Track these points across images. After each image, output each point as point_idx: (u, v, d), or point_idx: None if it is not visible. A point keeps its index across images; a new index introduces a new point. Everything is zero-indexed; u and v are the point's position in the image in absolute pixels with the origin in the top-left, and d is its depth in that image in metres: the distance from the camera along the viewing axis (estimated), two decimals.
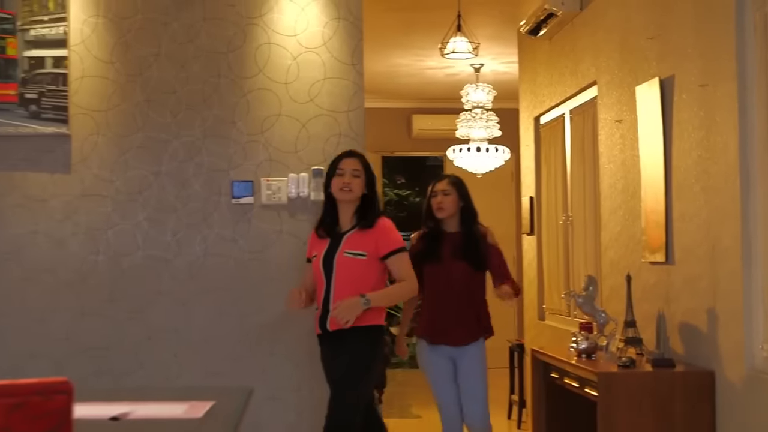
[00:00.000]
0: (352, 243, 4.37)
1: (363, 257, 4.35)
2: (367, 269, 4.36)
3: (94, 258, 5.03)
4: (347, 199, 4.41)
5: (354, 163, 4.45)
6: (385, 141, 10.66)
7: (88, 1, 5.04)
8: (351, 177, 4.41)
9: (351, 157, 4.50)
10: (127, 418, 2.92)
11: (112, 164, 5.06)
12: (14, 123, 4.95)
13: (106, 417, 2.88)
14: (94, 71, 5.05)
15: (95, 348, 4.97)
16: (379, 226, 4.40)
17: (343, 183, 4.40)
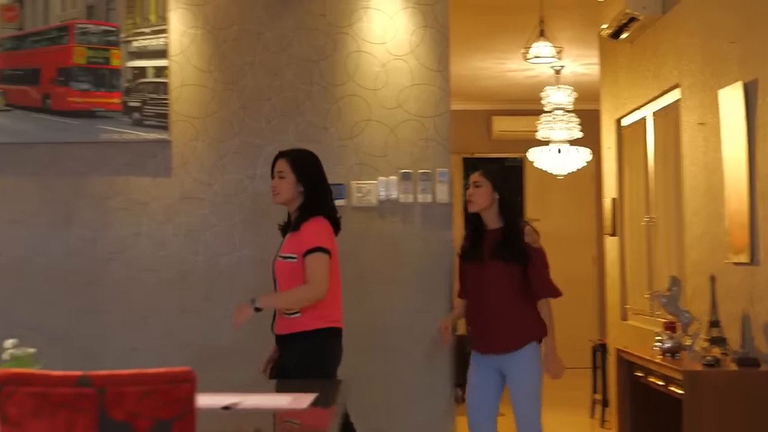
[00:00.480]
0: (286, 246, 4.29)
1: (293, 260, 4.23)
2: (299, 272, 4.19)
3: (194, 258, 5.27)
4: (276, 201, 4.35)
5: (279, 165, 4.34)
6: (466, 142, 10.80)
7: (187, 14, 5.28)
8: (277, 180, 4.33)
9: (278, 158, 4.38)
10: (237, 408, 3.13)
11: (210, 168, 5.29)
12: (118, 130, 5.22)
13: (218, 406, 3.09)
14: (193, 80, 5.29)
15: (194, 344, 5.21)
16: (303, 227, 4.22)
17: (271, 186, 4.36)
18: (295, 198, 4.30)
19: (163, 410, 2.52)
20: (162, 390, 2.52)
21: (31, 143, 5.25)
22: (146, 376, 2.55)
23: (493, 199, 4.63)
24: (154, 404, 2.51)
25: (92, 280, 5.25)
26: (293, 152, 4.40)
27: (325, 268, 4.15)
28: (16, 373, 2.54)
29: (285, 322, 4.23)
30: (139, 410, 2.50)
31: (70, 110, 5.22)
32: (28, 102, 5.23)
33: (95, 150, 5.25)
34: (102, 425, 2.49)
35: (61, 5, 5.22)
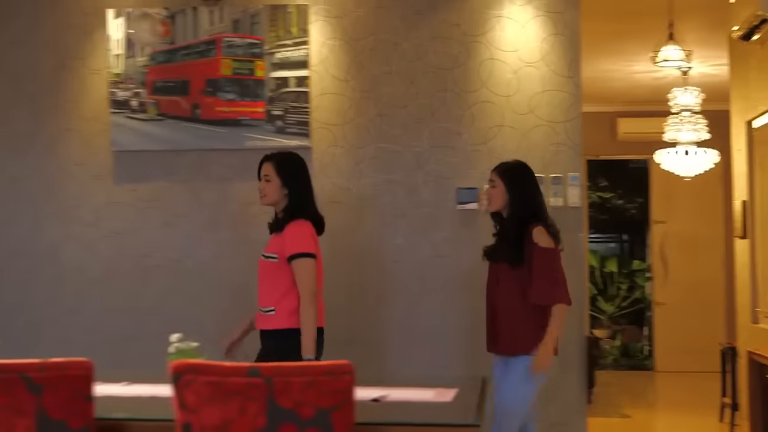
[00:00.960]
0: (269, 246, 4.41)
1: (275, 260, 4.34)
2: (278, 272, 4.32)
3: (334, 260, 5.51)
4: (263, 203, 4.48)
5: (265, 168, 4.44)
6: (590, 144, 10.78)
7: (327, 26, 5.53)
8: (263, 182, 4.43)
9: (264, 161, 4.48)
10: (385, 400, 3.33)
11: (349, 173, 5.53)
12: (262, 137, 5.50)
13: (368, 398, 3.30)
14: (332, 89, 5.53)
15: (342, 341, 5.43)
16: (287, 229, 4.33)
17: (258, 189, 4.46)
18: (281, 200, 4.41)
19: (324, 399, 2.74)
20: (324, 381, 2.74)
21: (181, 150, 5.58)
22: (309, 368, 2.78)
23: (506, 199, 4.54)
24: (317, 394, 2.73)
25: (242, 280, 5.53)
26: (279, 156, 4.50)
27: (312, 272, 4.27)
28: (194, 363, 2.80)
29: (261, 318, 4.39)
30: (303, 399, 2.73)
31: (218, 119, 5.52)
32: (179, 112, 5.55)
33: (240, 156, 5.54)
34: (270, 412, 2.72)
35: (209, 20, 5.53)
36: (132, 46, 5.56)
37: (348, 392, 2.76)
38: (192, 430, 2.75)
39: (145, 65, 5.56)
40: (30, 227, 5.68)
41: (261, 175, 4.45)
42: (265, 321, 4.36)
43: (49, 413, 2.79)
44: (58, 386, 2.79)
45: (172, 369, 2.77)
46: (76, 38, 5.66)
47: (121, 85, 5.57)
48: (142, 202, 5.60)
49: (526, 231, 4.42)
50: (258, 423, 2.72)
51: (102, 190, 5.63)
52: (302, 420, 2.72)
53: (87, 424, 2.83)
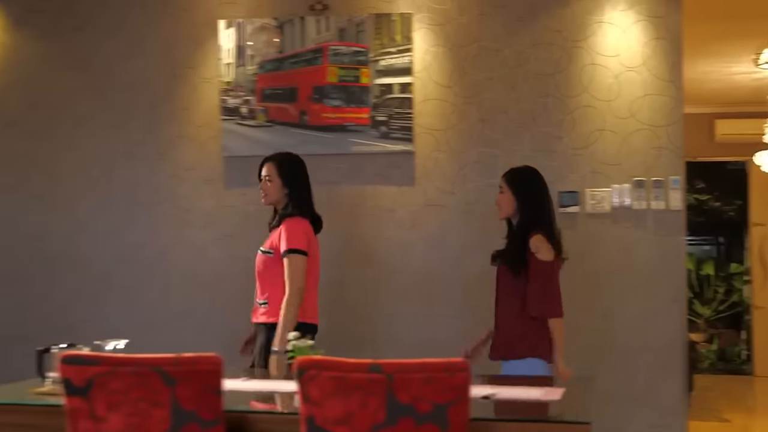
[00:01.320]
0: (267, 241, 4.64)
1: (270, 255, 4.57)
2: (273, 267, 4.54)
3: (437, 262, 5.63)
4: (264, 203, 4.70)
5: (266, 169, 4.67)
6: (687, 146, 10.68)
7: (430, 33, 5.66)
8: (264, 182, 4.66)
9: (266, 162, 4.70)
10: (495, 398, 3.43)
11: (452, 177, 5.65)
12: (367, 142, 5.65)
13: (478, 396, 3.40)
14: (435, 95, 5.66)
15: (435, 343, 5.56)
16: (283, 225, 4.56)
17: (260, 190, 4.69)
18: (282, 199, 4.63)
19: (441, 395, 2.86)
20: (441, 377, 2.87)
21: None
22: (427, 364, 2.90)
23: (515, 206, 4.54)
24: (434, 390, 2.86)
25: (343, 280, 5.70)
26: (279, 157, 4.71)
27: (301, 269, 4.46)
28: (318, 359, 2.95)
29: (258, 310, 4.62)
30: (421, 394, 2.85)
31: (324, 125, 5.69)
32: (287, 118, 5.74)
33: (347, 161, 5.71)
34: (389, 406, 2.85)
35: (316, 29, 5.70)
36: (242, 55, 5.78)
37: (464, 389, 2.87)
38: (315, 422, 2.90)
39: (254, 73, 5.76)
40: (143, 231, 5.92)
41: (262, 175, 4.67)
42: (258, 314, 4.62)
43: (182, 405, 2.96)
44: (190, 380, 2.96)
45: (297, 364, 2.93)
46: (188, 48, 5.89)
47: (232, 92, 5.78)
48: (251, 205, 5.80)
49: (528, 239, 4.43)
50: (378, 417, 2.86)
51: (213, 194, 5.85)
52: (420, 415, 2.85)
53: (217, 416, 2.99)
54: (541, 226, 4.46)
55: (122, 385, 2.97)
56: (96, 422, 3.00)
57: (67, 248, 5.96)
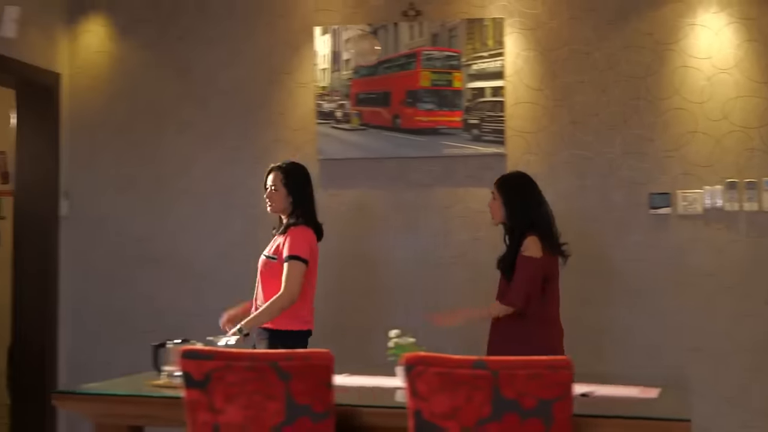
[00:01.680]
0: (271, 247, 4.76)
1: (274, 260, 4.68)
2: (278, 271, 4.64)
3: None
4: (270, 211, 4.82)
5: (272, 179, 4.80)
6: None
7: (521, 38, 5.75)
8: (270, 192, 4.79)
9: (272, 172, 4.83)
10: (594, 395, 3.51)
11: (542, 179, 5.65)
12: (459, 145, 5.77)
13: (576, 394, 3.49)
14: (526, 98, 5.75)
15: None
16: (289, 232, 4.69)
17: (266, 198, 4.81)
18: (287, 208, 4.76)
19: (545, 392, 2.96)
20: (546, 374, 2.97)
21: (382, 158, 5.91)
22: (532, 362, 3.01)
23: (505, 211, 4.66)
24: (539, 386, 2.96)
25: (437, 280, 5.82)
26: (285, 166, 4.84)
27: (299, 275, 4.58)
28: (425, 356, 3.07)
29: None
30: (526, 390, 2.96)
31: (417, 128, 5.82)
32: (380, 122, 5.88)
33: (439, 164, 5.83)
34: (494, 401, 2.97)
35: (409, 35, 5.84)
36: (337, 61, 5.94)
37: (567, 385, 2.97)
38: (423, 416, 3.03)
39: (349, 78, 5.92)
40: (240, 232, 6.11)
41: (267, 184, 4.81)
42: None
43: (295, 398, 3.11)
44: (303, 374, 3.11)
45: (404, 360, 3.06)
46: (284, 55, 6.07)
47: (327, 97, 5.95)
48: (345, 206, 5.97)
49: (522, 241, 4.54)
50: (483, 411, 2.97)
51: None
52: (524, 410, 2.96)
53: (328, 409, 3.14)
54: (535, 229, 4.58)
55: (239, 378, 3.14)
56: (214, 414, 3.17)
57: (171, 248, 6.20)
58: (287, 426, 3.12)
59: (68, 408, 3.68)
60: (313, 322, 4.78)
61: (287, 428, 3.12)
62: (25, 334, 6.26)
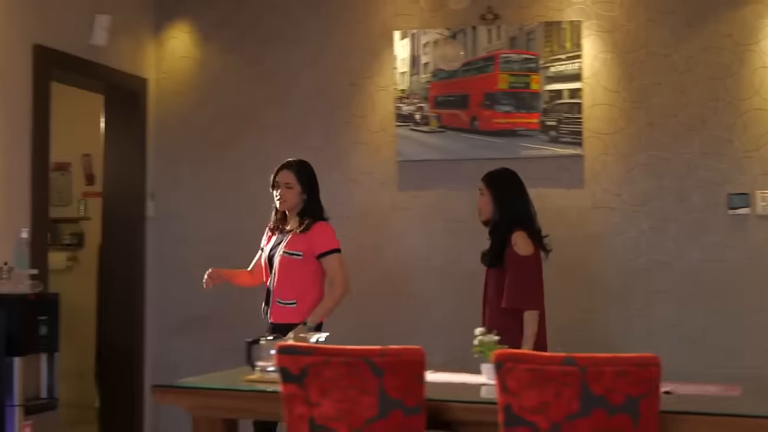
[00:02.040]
0: (291, 244, 4.83)
1: (299, 257, 4.79)
2: (302, 268, 4.79)
3: (608, 262, 5.78)
4: (282, 209, 4.92)
5: (286, 177, 4.89)
6: None
7: (599, 40, 5.81)
8: (284, 189, 4.88)
9: (284, 169, 4.92)
10: (677, 393, 3.57)
11: (619, 180, 5.78)
12: (537, 147, 5.84)
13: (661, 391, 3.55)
14: (603, 100, 5.81)
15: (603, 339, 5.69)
16: (314, 229, 4.82)
17: (277, 196, 4.90)
18: (299, 204, 4.90)
19: (633, 388, 3.04)
20: (633, 371, 3.05)
21: (460, 160, 6.01)
22: (620, 358, 3.09)
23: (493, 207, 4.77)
24: (627, 382, 3.04)
25: None
26: (297, 164, 4.96)
27: (342, 265, 4.84)
28: (515, 353, 3.18)
29: (280, 311, 4.78)
30: (614, 386, 3.04)
31: (495, 130, 5.91)
32: (459, 124, 5.98)
33: (516, 165, 5.83)
34: (583, 397, 3.05)
35: (487, 38, 5.93)
36: (416, 64, 6.05)
37: (654, 382, 3.05)
38: (512, 410, 3.13)
39: (427, 81, 6.03)
40: None
41: (279, 182, 4.91)
42: (285, 314, 4.78)
43: (388, 393, 3.23)
44: (396, 370, 3.23)
45: (495, 357, 3.16)
46: (364, 59, 6.20)
47: (406, 100, 6.06)
48: (424, 207, 6.07)
49: (509, 236, 4.63)
50: (572, 407, 3.06)
51: (387, 196, 6.14)
52: (612, 406, 3.04)
53: (419, 404, 3.25)
54: (522, 224, 4.70)
55: (334, 373, 3.26)
56: (310, 407, 3.30)
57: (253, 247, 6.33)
58: (380, 420, 3.24)
59: (166, 401, 3.82)
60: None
61: (380, 422, 3.24)
62: (112, 333, 6.47)
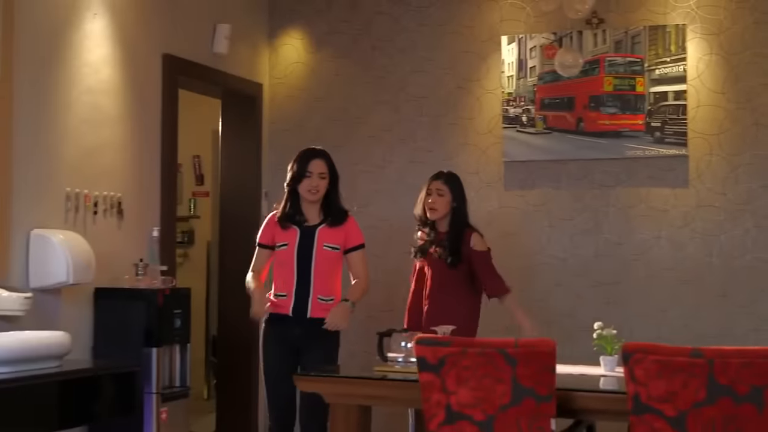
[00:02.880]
0: (327, 237, 4.70)
1: (337, 250, 4.73)
2: (338, 261, 4.76)
3: (708, 259, 5.91)
4: (314, 200, 4.72)
5: (321, 166, 4.72)
6: None
7: (703, 43, 5.94)
8: (318, 180, 4.69)
9: (318, 158, 4.73)
10: None
11: (723, 179, 5.90)
12: (641, 147, 6.00)
13: None
14: (707, 101, 5.93)
15: (708, 336, 5.83)
16: (348, 222, 4.76)
17: (311, 185, 4.69)
18: (323, 195, 4.75)
19: (758, 379, 3.21)
20: (758, 363, 3.22)
21: (565, 160, 6.19)
22: (746, 351, 3.26)
23: (450, 208, 5.07)
24: (752, 373, 3.21)
25: (617, 277, 6.07)
26: (326, 153, 4.80)
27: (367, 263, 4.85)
28: (644, 344, 3.37)
29: (321, 306, 4.67)
30: (739, 377, 3.21)
31: (600, 131, 6.08)
32: (564, 125, 6.17)
33: (621, 165, 6.07)
34: (709, 387, 3.23)
35: (593, 42, 6.10)
36: (523, 68, 6.25)
37: None
38: (641, 399, 3.32)
39: (534, 85, 6.22)
40: None
41: (315, 173, 4.71)
42: (326, 309, 4.66)
43: (521, 382, 3.45)
44: (529, 360, 3.45)
45: (624, 349, 3.36)
46: (472, 63, 6.42)
47: (513, 102, 6.26)
48: (531, 206, 6.27)
49: (463, 236, 5.01)
50: (699, 396, 3.24)
51: (494, 196, 6.35)
52: (738, 395, 3.21)
53: (550, 392, 3.47)
54: (469, 225, 5.11)
55: (470, 363, 3.49)
56: (447, 394, 3.53)
57: None
58: (513, 406, 3.46)
59: (306, 388, 4.10)
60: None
61: (513, 408, 3.46)
62: (228, 326, 6.78)
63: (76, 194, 5.04)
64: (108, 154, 5.31)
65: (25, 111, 4.72)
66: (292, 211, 4.77)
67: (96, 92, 5.22)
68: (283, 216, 4.79)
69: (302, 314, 4.70)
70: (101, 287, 5.08)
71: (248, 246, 6.73)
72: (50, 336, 4.18)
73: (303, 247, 4.71)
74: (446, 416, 3.54)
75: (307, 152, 4.81)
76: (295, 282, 4.70)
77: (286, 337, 4.72)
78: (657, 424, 3.30)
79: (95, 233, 5.10)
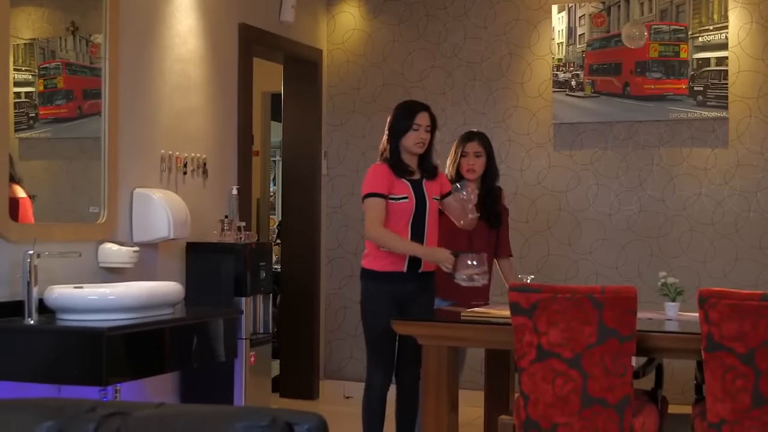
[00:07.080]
0: (432, 189, 4.74)
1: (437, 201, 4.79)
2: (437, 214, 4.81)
3: (746, 214, 6.34)
4: (420, 152, 4.71)
5: (427, 119, 4.70)
6: None
7: (744, 11, 6.32)
8: (425, 133, 4.69)
9: (424, 111, 4.71)
10: None
11: (762, 140, 6.32)
12: (684, 110, 6.40)
13: None
14: (747, 67, 6.33)
15: (746, 284, 6.26)
16: (440, 175, 4.84)
17: (419, 138, 4.67)
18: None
19: None
20: None
21: (612, 122, 6.60)
22: None
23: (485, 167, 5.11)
24: None
25: (661, 232, 6.50)
26: (429, 107, 4.81)
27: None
28: (719, 290, 3.81)
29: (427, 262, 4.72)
30: None
31: (645, 95, 6.48)
32: (611, 89, 6.56)
33: (665, 127, 6.48)
34: None
35: (639, 10, 6.49)
36: (572, 35, 6.64)
37: None
38: (713, 338, 3.76)
39: (583, 51, 6.62)
40: None
41: (423, 126, 4.68)
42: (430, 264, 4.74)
43: (606, 323, 3.89)
44: (614, 304, 3.88)
45: (700, 293, 3.79)
46: (523, 30, 6.80)
47: (562, 68, 6.66)
48: (579, 166, 6.68)
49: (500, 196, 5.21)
50: (767, 335, 3.69)
51: (544, 156, 6.77)
52: None
53: (632, 333, 3.91)
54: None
55: (560, 307, 3.93)
56: (538, 335, 3.97)
57: None
58: (598, 345, 3.90)
59: (402, 331, 4.54)
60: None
61: (598, 347, 3.90)
62: (292, 278, 7.23)
63: (169, 156, 5.45)
64: (194, 118, 5.72)
65: (127, 80, 5.12)
66: (398, 162, 4.72)
67: (184, 61, 5.62)
68: (399, 168, 4.70)
69: (415, 269, 4.72)
70: (192, 242, 5.50)
71: (310, 203, 7.20)
72: (168, 286, 4.60)
73: (419, 200, 4.70)
74: (537, 354, 3.98)
75: (411, 105, 4.81)
76: (409, 236, 4.69)
77: (396, 294, 4.70)
78: (728, 360, 3.75)
79: (184, 192, 5.52)
